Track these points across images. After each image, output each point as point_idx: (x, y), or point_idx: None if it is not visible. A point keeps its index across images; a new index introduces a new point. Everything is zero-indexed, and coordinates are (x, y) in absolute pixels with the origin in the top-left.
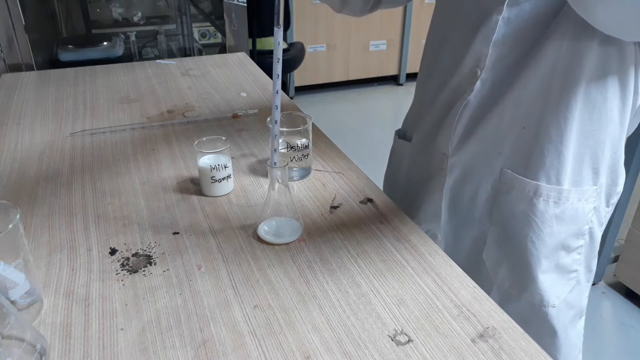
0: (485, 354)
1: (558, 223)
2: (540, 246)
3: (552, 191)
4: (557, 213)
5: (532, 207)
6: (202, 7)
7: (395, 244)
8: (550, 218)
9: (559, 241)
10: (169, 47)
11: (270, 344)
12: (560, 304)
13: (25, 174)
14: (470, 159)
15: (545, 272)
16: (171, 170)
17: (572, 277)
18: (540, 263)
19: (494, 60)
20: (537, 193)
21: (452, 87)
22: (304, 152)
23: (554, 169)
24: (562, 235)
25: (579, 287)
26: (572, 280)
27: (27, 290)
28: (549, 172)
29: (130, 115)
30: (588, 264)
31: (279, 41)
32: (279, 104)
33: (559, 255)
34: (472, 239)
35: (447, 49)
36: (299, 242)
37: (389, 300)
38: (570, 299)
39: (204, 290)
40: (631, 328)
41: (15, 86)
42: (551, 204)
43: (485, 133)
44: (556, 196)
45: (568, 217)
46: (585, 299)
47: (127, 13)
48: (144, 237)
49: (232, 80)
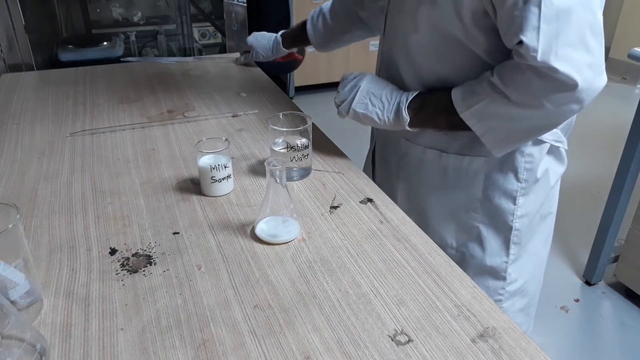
0: (485, 354)
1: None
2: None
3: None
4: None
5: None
6: (202, 7)
7: (395, 244)
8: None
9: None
10: (169, 47)
11: (270, 344)
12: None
13: (25, 174)
14: (383, 131)
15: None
16: (171, 170)
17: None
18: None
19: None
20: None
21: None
22: (304, 152)
23: (438, 138)
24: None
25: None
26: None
27: (27, 290)
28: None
29: (130, 115)
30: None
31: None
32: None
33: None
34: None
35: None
36: (299, 242)
37: (389, 300)
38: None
39: (204, 290)
40: (631, 328)
41: (15, 86)
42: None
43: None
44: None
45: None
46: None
47: (127, 13)
48: (144, 237)
49: (232, 80)
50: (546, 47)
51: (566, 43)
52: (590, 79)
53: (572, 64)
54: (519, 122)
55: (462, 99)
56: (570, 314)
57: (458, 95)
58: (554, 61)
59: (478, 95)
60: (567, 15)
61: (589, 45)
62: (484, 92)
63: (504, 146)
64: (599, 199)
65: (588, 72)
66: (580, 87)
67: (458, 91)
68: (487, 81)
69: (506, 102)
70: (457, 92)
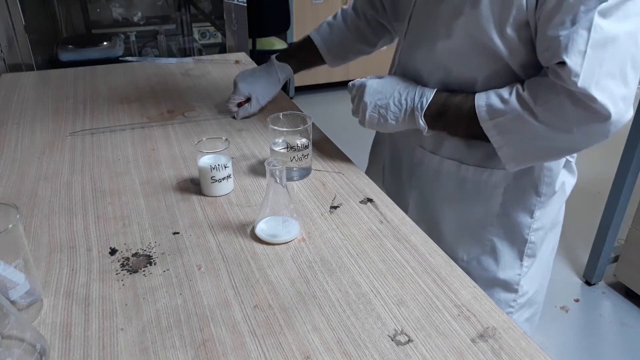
0: (485, 354)
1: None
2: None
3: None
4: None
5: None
6: (202, 7)
7: (395, 244)
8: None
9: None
10: (169, 47)
11: (270, 344)
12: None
13: (25, 174)
14: (399, 137)
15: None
16: (171, 170)
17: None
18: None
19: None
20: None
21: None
22: (304, 152)
23: (457, 148)
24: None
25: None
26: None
27: (27, 290)
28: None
29: (130, 115)
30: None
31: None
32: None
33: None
34: (410, 199)
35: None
36: (299, 242)
37: (389, 300)
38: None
39: (204, 290)
40: (631, 328)
41: (15, 86)
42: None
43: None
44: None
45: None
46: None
47: (127, 13)
48: (144, 237)
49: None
50: (589, 74)
51: (608, 73)
52: (622, 112)
53: (610, 95)
54: (541, 141)
55: (487, 110)
56: (570, 314)
57: (482, 105)
58: (594, 90)
59: (504, 107)
60: (614, 44)
61: (627, 78)
62: (511, 106)
63: (520, 162)
64: (599, 199)
65: (621, 105)
66: (612, 119)
67: (482, 100)
68: (516, 95)
69: (533, 120)
70: (481, 100)
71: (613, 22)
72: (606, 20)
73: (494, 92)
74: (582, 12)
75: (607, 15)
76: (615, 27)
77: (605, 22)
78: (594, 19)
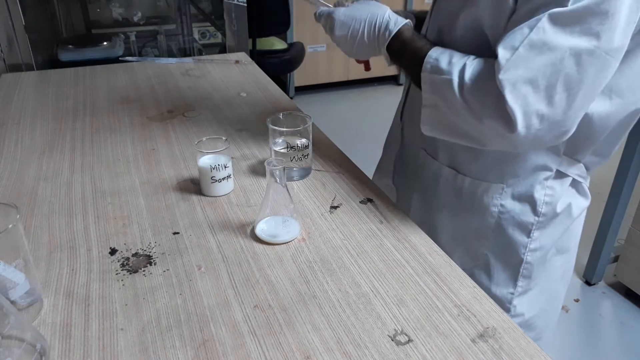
0: (485, 354)
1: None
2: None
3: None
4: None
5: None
6: (202, 7)
7: (395, 244)
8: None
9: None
10: (169, 47)
11: (270, 344)
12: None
13: (25, 174)
14: (408, 135)
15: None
16: (171, 170)
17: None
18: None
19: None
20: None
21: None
22: (304, 152)
23: (455, 157)
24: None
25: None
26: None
27: (27, 290)
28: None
29: (130, 115)
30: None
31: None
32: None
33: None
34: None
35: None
36: (299, 242)
37: (389, 300)
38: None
39: (204, 290)
40: (631, 328)
41: (15, 86)
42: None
43: (414, 115)
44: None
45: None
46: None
47: (127, 13)
48: (144, 237)
49: (232, 80)
50: (511, 72)
51: (530, 80)
52: (535, 131)
53: (523, 104)
54: (456, 117)
55: (432, 63)
56: (570, 314)
57: (432, 57)
58: (508, 91)
59: (446, 68)
60: (551, 53)
61: (553, 96)
62: (451, 69)
63: (434, 130)
64: (599, 199)
65: (535, 121)
66: (519, 133)
67: (435, 53)
68: (462, 63)
69: (458, 94)
70: (434, 52)
71: (561, 30)
72: (554, 26)
73: (451, 51)
74: (539, 12)
75: (557, 21)
76: (560, 37)
77: (552, 27)
78: (541, 20)
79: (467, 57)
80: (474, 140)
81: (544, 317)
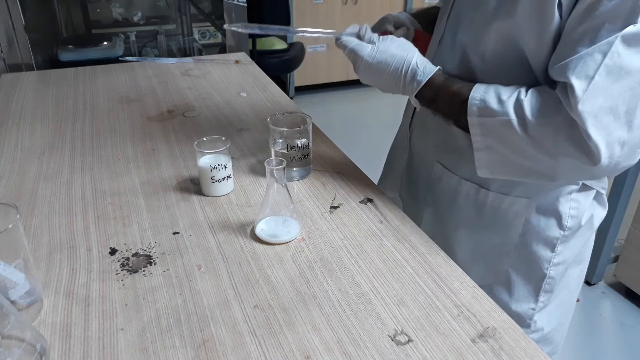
0: (485, 354)
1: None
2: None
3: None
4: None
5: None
6: (202, 7)
7: (395, 244)
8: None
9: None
10: (169, 47)
11: (270, 344)
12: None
13: (25, 174)
14: (419, 146)
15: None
16: (171, 170)
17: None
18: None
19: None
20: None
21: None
22: (304, 152)
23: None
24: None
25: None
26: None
27: (27, 290)
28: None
29: (130, 115)
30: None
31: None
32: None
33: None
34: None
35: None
36: (299, 242)
37: (389, 300)
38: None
39: (204, 290)
40: (631, 328)
41: (15, 86)
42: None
43: (426, 125)
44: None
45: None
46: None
47: (127, 13)
48: (144, 237)
49: (232, 80)
50: (590, 103)
51: (611, 109)
52: (617, 158)
53: (606, 135)
54: (522, 157)
55: (479, 105)
56: None
57: (477, 98)
58: (590, 124)
59: (497, 108)
60: (628, 77)
61: (633, 121)
62: (505, 109)
63: (494, 173)
64: None
65: (617, 149)
66: (602, 164)
67: (479, 92)
68: (515, 98)
69: (521, 132)
70: (477, 93)
71: (635, 52)
72: (628, 48)
73: (495, 88)
74: (605, 31)
75: (631, 42)
76: (635, 59)
77: (626, 50)
78: (614, 43)
79: (517, 91)
80: (543, 176)
81: (560, 331)
